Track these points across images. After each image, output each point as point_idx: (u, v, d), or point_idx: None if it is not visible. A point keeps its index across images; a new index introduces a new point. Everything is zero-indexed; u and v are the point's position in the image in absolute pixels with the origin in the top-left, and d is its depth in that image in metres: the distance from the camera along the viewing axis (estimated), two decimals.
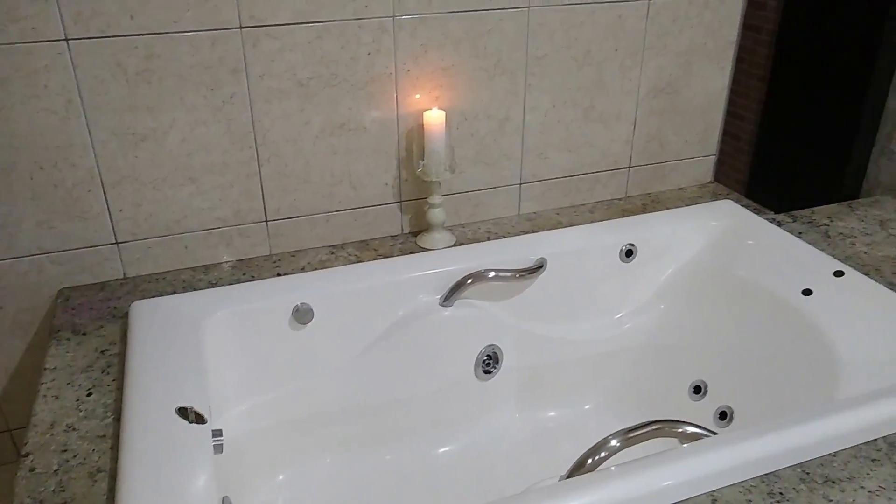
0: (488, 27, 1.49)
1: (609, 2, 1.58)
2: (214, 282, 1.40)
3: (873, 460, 0.90)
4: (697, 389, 1.49)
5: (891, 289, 1.21)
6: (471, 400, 1.54)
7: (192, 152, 1.39)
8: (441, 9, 1.44)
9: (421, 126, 1.50)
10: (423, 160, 1.50)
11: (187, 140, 1.37)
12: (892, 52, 1.52)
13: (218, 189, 1.43)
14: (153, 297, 1.34)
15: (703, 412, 1.45)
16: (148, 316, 1.24)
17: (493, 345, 1.52)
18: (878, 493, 0.85)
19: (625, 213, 1.71)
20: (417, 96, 1.49)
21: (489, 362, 1.53)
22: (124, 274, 1.43)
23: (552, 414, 1.61)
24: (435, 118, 1.46)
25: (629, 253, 1.57)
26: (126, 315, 1.28)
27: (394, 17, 1.41)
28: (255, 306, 1.32)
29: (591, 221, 1.65)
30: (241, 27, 1.32)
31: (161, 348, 1.15)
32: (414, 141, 1.53)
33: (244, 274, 1.44)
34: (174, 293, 1.36)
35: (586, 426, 1.59)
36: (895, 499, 0.84)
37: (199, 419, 1.02)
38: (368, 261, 1.48)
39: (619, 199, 1.80)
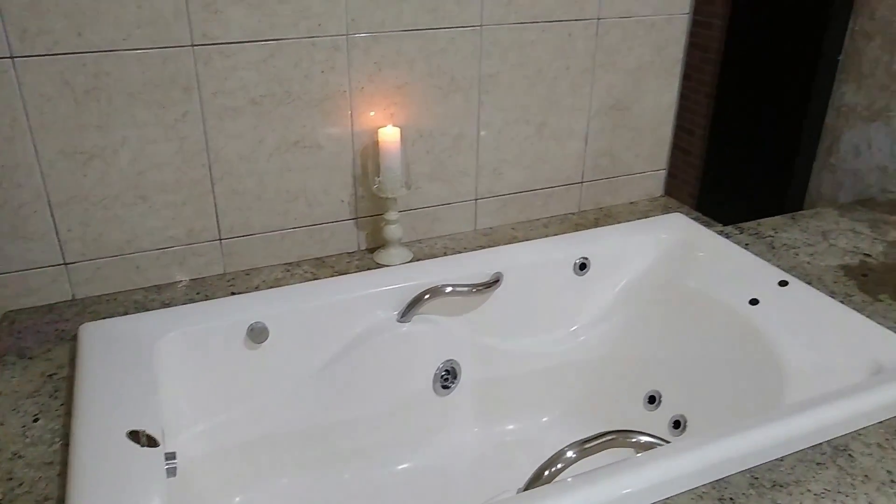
0: (441, 45, 1.51)
1: (559, 21, 1.62)
2: (167, 302, 1.38)
3: (818, 464, 0.92)
4: (652, 399, 1.51)
5: (832, 297, 1.25)
6: (429, 415, 1.54)
7: (143, 171, 1.37)
8: (394, 28, 1.45)
9: (376, 143, 1.50)
10: (378, 177, 1.50)
11: (138, 159, 1.35)
12: (830, 72, 1.58)
13: (170, 208, 1.41)
14: (103, 318, 1.31)
15: (657, 421, 1.47)
16: (98, 338, 1.21)
17: (451, 360, 1.53)
18: (823, 495, 0.87)
19: (578, 227, 1.74)
20: (372, 113, 1.50)
21: (447, 377, 1.54)
22: (73, 295, 1.40)
23: (510, 427, 1.62)
24: (390, 135, 1.47)
25: (583, 266, 1.60)
26: (75, 337, 1.25)
27: (347, 35, 1.42)
28: (209, 326, 1.30)
29: (546, 236, 1.67)
30: (192, 45, 1.31)
31: (111, 371, 1.12)
32: (369, 158, 1.53)
33: (198, 293, 1.42)
34: (125, 314, 1.33)
35: (544, 439, 1.60)
36: (839, 500, 0.86)
37: (152, 442, 1.00)
38: (324, 278, 1.47)
39: (573, 214, 1.83)
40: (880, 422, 0.98)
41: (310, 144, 1.48)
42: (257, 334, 1.34)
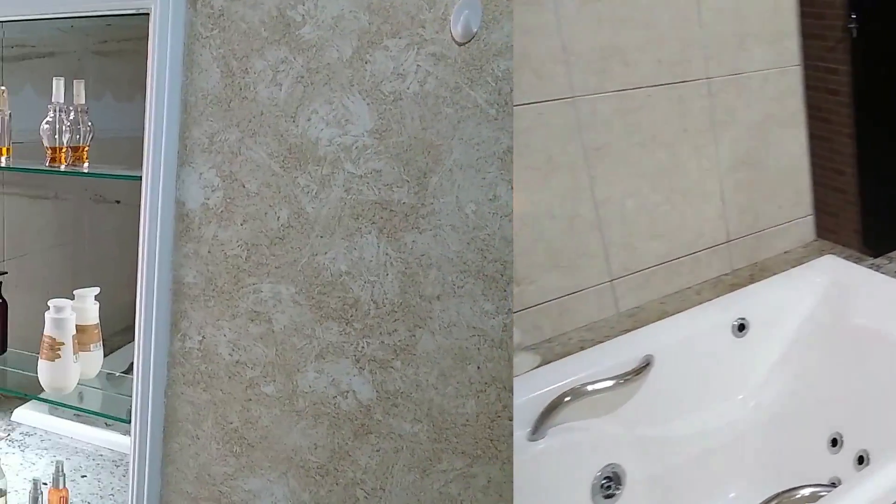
0: (527, 124, 1.41)
1: (664, 84, 1.57)
2: None
3: None
4: (834, 442, 1.40)
5: None
6: None
7: None
8: None
9: None
10: None
11: None
12: None
13: None
14: None
15: (842, 462, 1.35)
16: None
17: (609, 464, 1.35)
18: None
19: (734, 287, 1.60)
20: None
21: (609, 485, 1.36)
22: None
23: None
24: None
25: (741, 328, 1.46)
26: None
27: None
28: None
29: (700, 303, 1.53)
30: None
31: None
32: None
33: None
34: None
35: None
36: None
37: None
38: None
39: (727, 275, 1.69)
40: None
41: None
42: None
